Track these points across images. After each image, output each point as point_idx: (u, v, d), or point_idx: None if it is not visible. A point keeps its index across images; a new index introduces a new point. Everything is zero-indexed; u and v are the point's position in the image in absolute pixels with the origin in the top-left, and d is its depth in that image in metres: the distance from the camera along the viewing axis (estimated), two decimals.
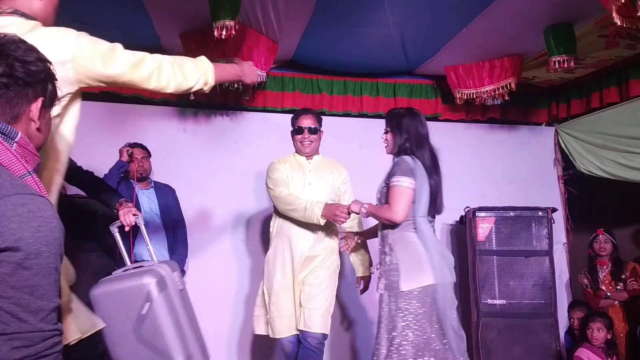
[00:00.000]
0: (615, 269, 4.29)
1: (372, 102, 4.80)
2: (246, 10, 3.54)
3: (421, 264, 2.78)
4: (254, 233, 4.55)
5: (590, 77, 4.59)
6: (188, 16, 3.64)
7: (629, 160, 4.37)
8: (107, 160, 3.88)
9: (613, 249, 4.34)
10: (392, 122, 3.01)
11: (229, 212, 4.51)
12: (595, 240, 4.38)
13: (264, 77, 4.06)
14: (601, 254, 4.34)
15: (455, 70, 4.41)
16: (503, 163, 4.96)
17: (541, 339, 4.11)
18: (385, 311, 2.81)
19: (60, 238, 1.17)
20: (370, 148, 4.78)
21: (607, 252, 4.32)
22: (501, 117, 4.98)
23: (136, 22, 3.72)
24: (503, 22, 3.63)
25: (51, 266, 1.14)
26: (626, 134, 4.36)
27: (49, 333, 1.13)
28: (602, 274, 4.32)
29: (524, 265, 4.20)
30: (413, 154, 2.88)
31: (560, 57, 3.65)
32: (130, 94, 4.32)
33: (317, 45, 4.18)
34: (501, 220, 4.27)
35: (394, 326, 2.75)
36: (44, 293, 1.12)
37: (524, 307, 4.16)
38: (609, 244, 4.33)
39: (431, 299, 2.73)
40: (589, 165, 4.76)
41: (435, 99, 4.86)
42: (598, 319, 3.84)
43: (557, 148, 5.09)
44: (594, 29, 3.67)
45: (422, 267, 2.77)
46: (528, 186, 4.90)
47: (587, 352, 3.72)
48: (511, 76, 4.20)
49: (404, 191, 2.80)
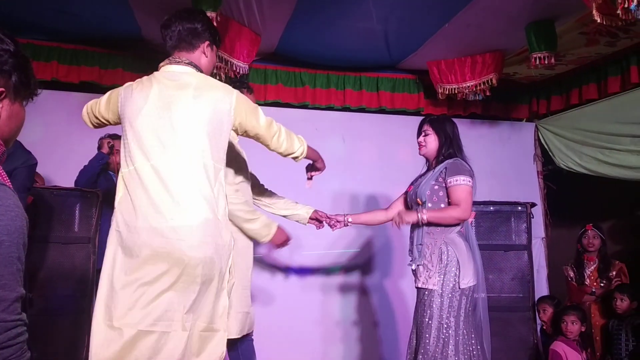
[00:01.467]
0: (602, 266, 4.26)
1: (355, 95, 4.80)
2: (228, 2, 3.52)
3: (472, 264, 2.91)
4: None
5: (571, 74, 4.63)
6: (169, 6, 3.59)
7: (607, 156, 4.42)
8: (88, 151, 3.85)
9: (601, 245, 4.30)
10: (435, 126, 3.10)
11: None
12: (584, 235, 4.34)
13: (246, 70, 4.04)
14: (589, 249, 4.31)
15: (438, 65, 4.43)
16: (484, 158, 4.97)
17: (519, 332, 4.15)
18: (435, 308, 2.86)
19: (23, 227, 1.15)
20: (352, 141, 4.80)
21: (596, 248, 4.29)
22: (482, 112, 5.01)
23: (117, 12, 3.68)
24: (485, 18, 3.65)
25: (13, 255, 1.12)
26: (605, 131, 4.42)
27: (11, 323, 1.11)
28: (589, 270, 4.30)
29: (503, 259, 4.24)
30: (457, 157, 3.02)
31: (541, 54, 3.68)
32: (110, 84, 4.27)
33: (300, 38, 4.17)
34: (481, 214, 4.30)
35: (449, 324, 2.83)
36: (5, 283, 1.10)
37: (503, 300, 4.20)
38: (597, 240, 4.29)
39: (475, 299, 2.92)
40: (568, 161, 4.82)
41: (417, 93, 4.88)
42: (572, 312, 3.89)
43: (537, 144, 5.14)
44: (574, 26, 3.71)
45: (473, 268, 2.90)
46: (508, 181, 4.94)
47: (562, 345, 3.78)
48: (492, 72, 4.23)
49: (470, 190, 2.94)
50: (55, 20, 3.88)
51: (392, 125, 4.86)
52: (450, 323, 2.83)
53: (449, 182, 2.94)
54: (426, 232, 2.97)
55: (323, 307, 4.53)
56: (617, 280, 4.20)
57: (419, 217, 2.91)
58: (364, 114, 4.91)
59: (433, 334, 2.84)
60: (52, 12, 3.73)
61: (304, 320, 4.42)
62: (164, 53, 2.35)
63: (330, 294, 4.56)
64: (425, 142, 3.10)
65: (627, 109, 4.18)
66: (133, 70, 4.31)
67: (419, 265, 2.97)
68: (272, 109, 4.61)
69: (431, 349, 2.82)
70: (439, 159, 3.06)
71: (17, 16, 3.78)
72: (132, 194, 2.06)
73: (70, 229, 3.54)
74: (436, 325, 2.84)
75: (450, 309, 2.84)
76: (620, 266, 4.27)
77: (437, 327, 2.84)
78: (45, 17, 3.83)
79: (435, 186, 2.98)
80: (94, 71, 4.31)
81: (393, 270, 4.64)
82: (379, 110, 4.84)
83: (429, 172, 3.08)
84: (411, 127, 4.80)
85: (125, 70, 4.33)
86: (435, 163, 3.07)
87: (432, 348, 2.82)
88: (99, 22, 3.90)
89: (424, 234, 2.97)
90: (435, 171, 3.01)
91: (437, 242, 2.93)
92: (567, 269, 4.45)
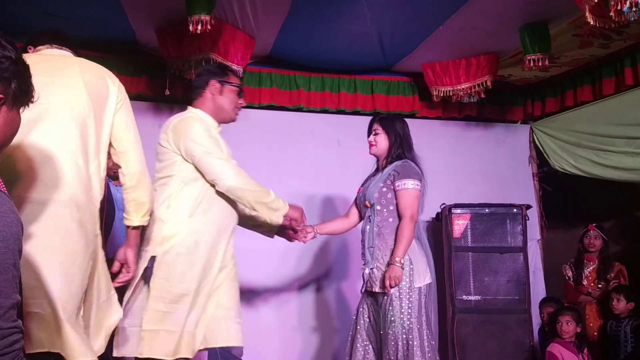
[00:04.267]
0: (602, 267, 4.25)
1: (350, 98, 4.79)
2: (222, 5, 3.51)
3: (425, 262, 2.93)
4: None
5: (565, 76, 4.64)
6: (163, 10, 3.60)
7: (601, 158, 4.43)
8: None
9: (603, 246, 4.28)
10: (385, 125, 3.08)
11: None
12: (585, 235, 4.34)
13: (240, 73, 4.03)
14: (590, 249, 4.30)
15: (432, 67, 4.42)
16: (479, 160, 5.00)
17: (515, 334, 4.15)
18: (396, 311, 2.85)
19: (18, 233, 1.14)
20: (347, 144, 4.79)
21: (597, 249, 4.28)
22: (477, 114, 5.01)
23: (110, 16, 3.66)
24: (479, 21, 3.65)
25: (8, 262, 1.11)
26: (599, 132, 4.42)
27: (7, 331, 1.10)
28: (588, 270, 4.30)
29: (498, 261, 4.24)
30: (406, 158, 3.01)
31: (535, 56, 3.68)
32: None
33: (295, 41, 4.16)
34: (476, 217, 4.31)
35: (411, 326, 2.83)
36: (0, 290, 1.09)
37: (499, 303, 4.20)
38: (599, 240, 4.28)
39: (428, 297, 2.90)
40: (563, 162, 4.82)
41: (412, 96, 4.87)
42: (567, 312, 3.89)
43: (532, 146, 5.14)
44: (568, 28, 3.71)
45: (425, 267, 2.92)
46: (503, 183, 4.94)
47: (558, 347, 3.77)
48: (487, 74, 4.23)
49: (418, 194, 2.95)
50: (47, 24, 3.84)
51: None
52: (412, 325, 2.81)
53: (397, 185, 2.94)
54: (377, 233, 2.96)
55: (280, 314, 4.42)
56: (615, 282, 4.20)
57: (397, 265, 2.82)
58: (359, 116, 4.90)
59: (398, 337, 2.82)
60: (44, 16, 3.71)
61: (261, 327, 4.26)
62: (158, 56, 2.34)
63: (287, 300, 4.46)
64: (376, 141, 3.09)
65: (622, 111, 4.19)
66: (127, 74, 4.29)
67: (372, 268, 2.95)
68: (267, 112, 4.60)
69: (400, 354, 2.80)
70: (388, 159, 3.06)
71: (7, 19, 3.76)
72: None
73: None
74: (399, 329, 2.82)
75: (410, 310, 2.83)
76: (620, 268, 4.27)
77: (400, 330, 2.82)
78: (37, 20, 3.80)
79: (383, 188, 2.99)
80: None
81: (350, 274, 4.53)
82: (374, 113, 4.82)
83: (378, 174, 3.08)
84: None
85: (120, 74, 4.26)
86: (385, 163, 3.07)
87: (401, 353, 2.80)
88: (93, 26, 3.88)
89: (374, 236, 2.96)
90: (384, 173, 3.02)
91: (388, 244, 2.93)
92: (565, 267, 4.45)
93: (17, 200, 1.69)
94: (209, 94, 2.71)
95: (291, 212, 2.69)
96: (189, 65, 3.82)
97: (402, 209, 2.92)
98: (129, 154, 2.11)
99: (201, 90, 2.72)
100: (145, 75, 4.35)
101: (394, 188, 2.97)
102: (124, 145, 2.09)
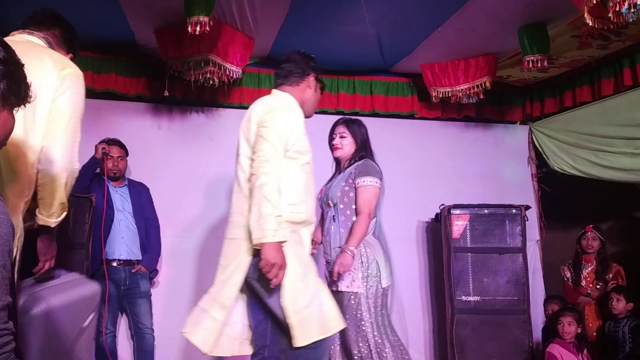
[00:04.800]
0: (600, 268, 4.25)
1: (349, 99, 4.79)
2: (221, 6, 3.51)
3: (389, 263, 2.96)
4: None
5: (564, 77, 4.64)
6: (162, 11, 3.59)
7: (600, 158, 4.43)
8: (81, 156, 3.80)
9: (601, 247, 4.30)
10: (351, 129, 3.17)
11: (203, 210, 4.46)
12: (583, 236, 4.35)
13: (239, 74, 4.03)
14: (588, 251, 4.31)
15: (431, 68, 4.43)
16: (478, 161, 5.00)
17: (514, 335, 4.15)
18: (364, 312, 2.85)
19: (9, 234, 1.14)
20: None
21: (594, 250, 4.29)
22: (476, 115, 5.01)
23: (109, 17, 3.66)
24: (478, 22, 3.65)
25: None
26: (598, 133, 4.42)
27: None
28: (586, 271, 4.31)
29: (497, 262, 4.24)
30: (368, 159, 3.09)
31: (534, 57, 3.68)
32: (104, 89, 4.26)
33: (294, 42, 4.15)
34: (475, 217, 4.31)
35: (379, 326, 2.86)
36: None
37: (498, 303, 4.20)
38: (596, 241, 4.29)
39: (391, 297, 2.97)
40: (562, 163, 4.83)
41: (411, 97, 4.87)
42: (568, 313, 3.89)
43: (531, 146, 5.14)
44: (566, 29, 3.71)
45: (389, 266, 2.96)
46: (502, 184, 4.94)
47: (558, 347, 3.77)
48: (486, 75, 4.23)
49: (377, 192, 2.99)
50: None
51: (385, 128, 4.86)
52: (380, 323, 2.86)
53: (357, 182, 3.00)
54: (343, 235, 2.98)
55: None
56: (613, 282, 4.20)
57: (349, 253, 2.85)
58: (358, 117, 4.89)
59: (369, 337, 2.85)
60: None
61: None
62: (157, 58, 2.34)
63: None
64: (342, 144, 3.15)
65: (621, 112, 4.18)
66: (126, 75, 4.30)
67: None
68: None
69: (373, 352, 2.82)
70: (351, 161, 3.12)
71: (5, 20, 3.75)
72: None
73: (63, 235, 3.51)
74: (370, 329, 2.85)
75: (378, 309, 2.89)
76: (618, 269, 4.27)
77: (370, 330, 2.85)
78: None
79: (345, 187, 3.04)
80: (87, 76, 4.19)
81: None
82: (373, 113, 4.83)
83: (340, 174, 3.10)
84: (405, 131, 4.85)
85: (119, 75, 4.31)
86: (347, 164, 3.10)
87: (374, 351, 2.81)
88: (91, 27, 3.87)
89: (341, 238, 2.99)
90: (346, 173, 3.07)
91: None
92: (564, 269, 4.45)
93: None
94: (304, 86, 2.72)
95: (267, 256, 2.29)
96: (188, 67, 3.82)
97: (360, 205, 2.97)
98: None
99: (298, 79, 2.71)
100: (144, 76, 4.35)
101: (354, 185, 3.02)
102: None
